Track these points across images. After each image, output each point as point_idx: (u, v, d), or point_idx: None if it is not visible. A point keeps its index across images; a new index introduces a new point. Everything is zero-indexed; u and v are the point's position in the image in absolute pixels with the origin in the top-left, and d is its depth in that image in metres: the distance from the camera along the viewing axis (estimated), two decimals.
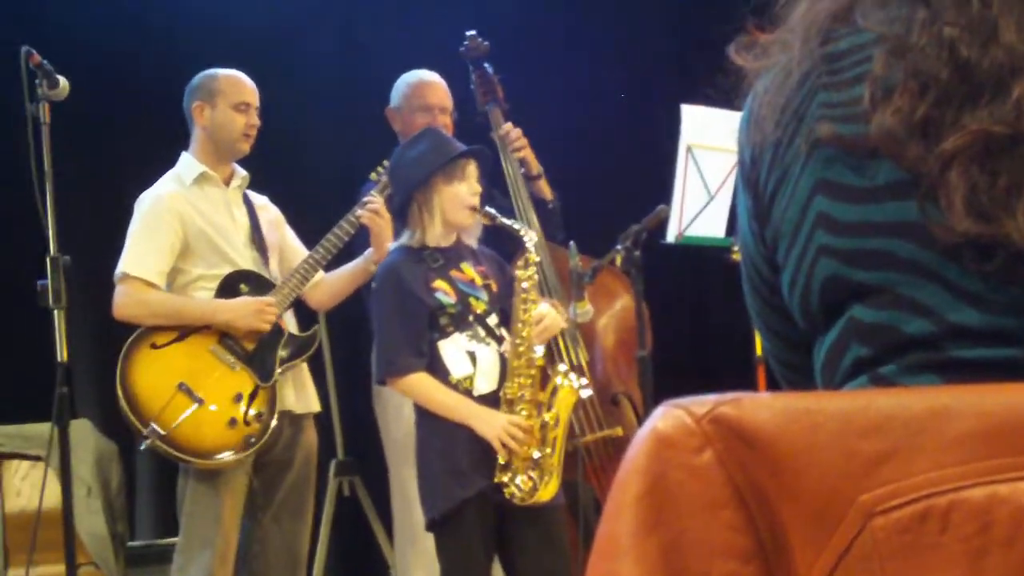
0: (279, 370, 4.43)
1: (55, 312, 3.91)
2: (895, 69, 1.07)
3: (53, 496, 4.34)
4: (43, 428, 4.40)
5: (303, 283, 4.54)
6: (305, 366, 4.62)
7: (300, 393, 4.56)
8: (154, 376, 4.29)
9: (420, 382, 3.94)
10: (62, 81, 3.97)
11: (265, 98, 5.71)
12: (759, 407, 0.95)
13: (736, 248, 4.58)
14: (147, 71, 5.93)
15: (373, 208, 4.52)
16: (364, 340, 4.88)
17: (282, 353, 4.46)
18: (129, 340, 4.32)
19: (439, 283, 3.99)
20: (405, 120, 4.96)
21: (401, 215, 4.09)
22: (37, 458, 5.10)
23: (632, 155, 6.34)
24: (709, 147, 4.52)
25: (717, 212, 4.58)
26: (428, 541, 4.03)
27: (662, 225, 4.46)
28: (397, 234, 4.17)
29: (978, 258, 1.03)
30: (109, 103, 5.89)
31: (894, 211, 1.07)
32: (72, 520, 3.96)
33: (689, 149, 4.49)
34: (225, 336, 4.39)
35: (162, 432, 4.19)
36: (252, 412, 4.34)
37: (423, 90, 4.98)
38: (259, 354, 4.42)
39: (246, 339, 4.41)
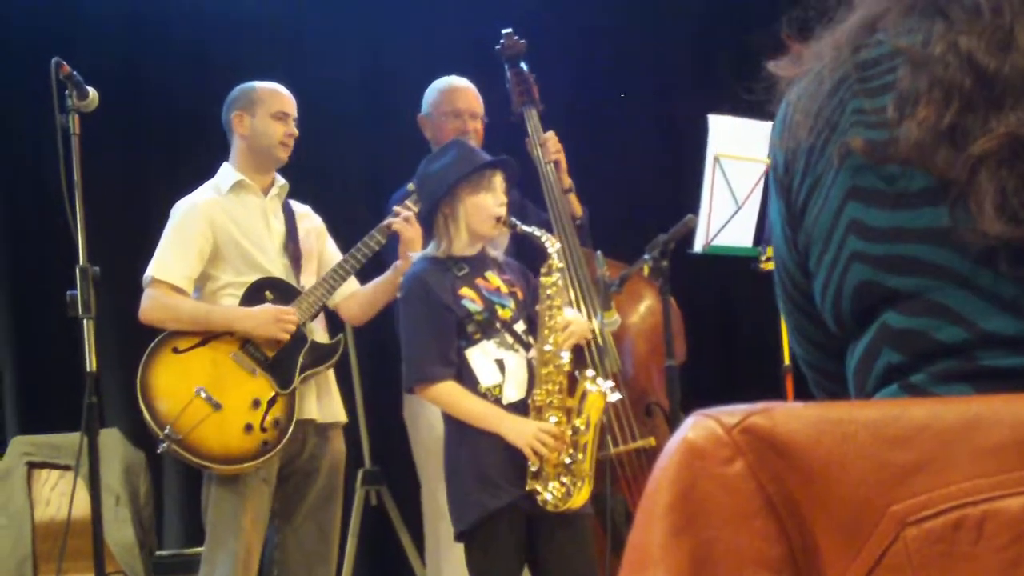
0: (299, 378, 4.43)
1: (84, 322, 3.92)
2: (918, 81, 1.08)
3: (82, 505, 4.35)
4: (72, 438, 4.42)
5: (329, 292, 4.55)
6: (332, 376, 4.62)
7: (324, 402, 4.56)
8: (174, 380, 4.31)
9: (448, 391, 3.94)
10: (91, 92, 3.98)
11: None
12: (790, 417, 0.95)
13: (764, 258, 4.57)
14: (174, 83, 5.96)
15: (406, 216, 4.52)
16: (391, 349, 4.88)
17: (303, 361, 4.46)
18: (152, 344, 4.34)
19: (465, 291, 3.99)
20: (436, 126, 4.95)
21: (427, 226, 4.09)
22: (66, 467, 5.12)
23: (659, 165, 6.35)
24: (736, 157, 4.51)
25: (744, 222, 4.57)
26: (459, 552, 4.02)
27: (690, 235, 4.45)
28: (425, 245, 4.17)
29: (1013, 262, 1.03)
30: (137, 114, 5.92)
31: (927, 217, 1.07)
32: (101, 529, 3.97)
33: (716, 159, 4.49)
34: (247, 342, 4.41)
35: (179, 436, 4.21)
36: (269, 418, 4.34)
37: (452, 96, 4.96)
38: (280, 361, 4.43)
39: (268, 346, 4.42)
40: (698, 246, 4.53)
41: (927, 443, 0.92)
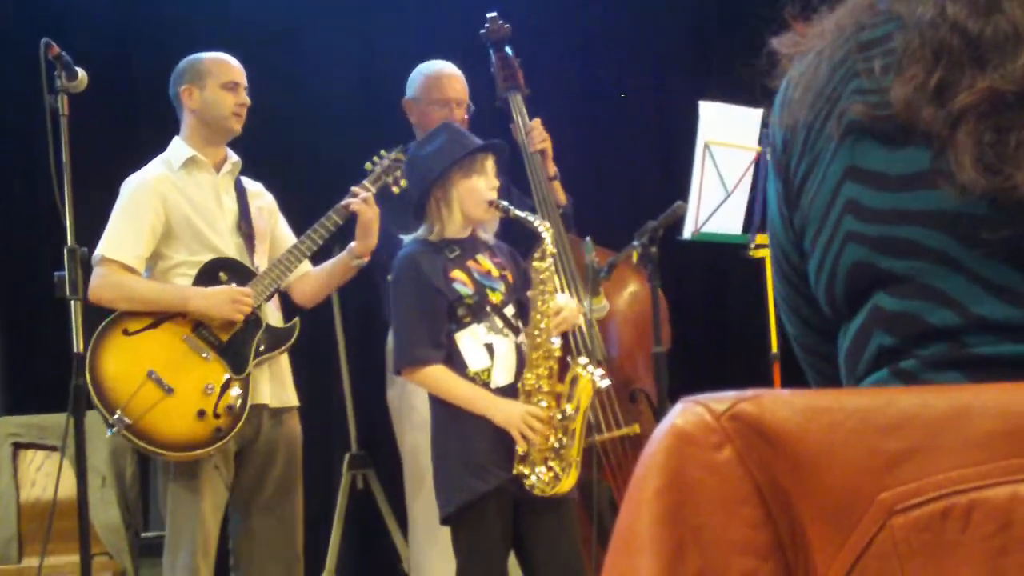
0: (254, 362, 4.32)
1: (72, 303, 3.91)
2: (910, 43, 1.11)
3: (68, 486, 4.34)
4: (59, 419, 4.41)
5: (285, 274, 4.43)
6: (285, 360, 4.50)
7: (277, 387, 4.44)
8: (124, 363, 4.18)
9: (437, 374, 3.94)
10: (80, 73, 3.96)
11: (280, 88, 5.72)
12: (779, 404, 0.95)
13: (753, 245, 4.57)
14: (163, 63, 5.93)
15: (364, 196, 4.44)
16: (378, 332, 4.88)
17: (258, 345, 4.34)
18: (101, 325, 4.21)
19: (457, 273, 3.99)
20: (422, 112, 4.92)
21: (419, 210, 4.08)
22: (53, 448, 5.11)
23: (649, 151, 6.34)
24: (726, 144, 4.51)
25: (734, 209, 4.58)
26: (444, 535, 4.03)
27: (679, 221, 4.45)
28: (410, 228, 4.15)
29: (994, 225, 1.04)
30: (127, 96, 5.91)
31: (923, 200, 1.08)
32: (87, 510, 3.96)
33: (706, 146, 4.49)
34: (200, 325, 4.28)
35: (128, 421, 4.09)
36: (222, 404, 4.22)
37: (441, 83, 4.93)
38: (234, 345, 4.31)
39: (221, 329, 4.30)
40: (687, 233, 4.53)
41: (916, 431, 0.92)
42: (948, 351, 1.07)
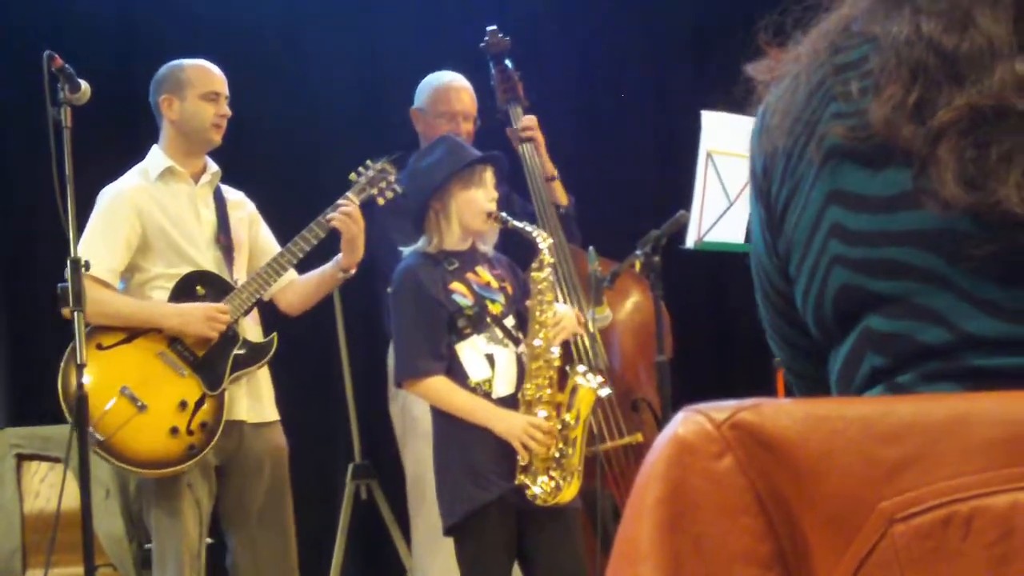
0: (229, 378, 4.28)
1: (75, 315, 3.91)
2: (887, 62, 1.10)
3: (71, 498, 4.34)
4: (62, 430, 4.40)
5: (264, 288, 4.38)
6: (264, 374, 4.45)
7: (254, 402, 4.40)
8: (97, 378, 4.10)
9: (438, 385, 3.94)
10: (83, 85, 3.95)
11: (280, 93, 5.71)
12: (779, 413, 0.95)
13: None
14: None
15: (346, 211, 4.38)
16: (381, 343, 4.88)
17: (234, 360, 4.30)
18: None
19: (456, 285, 4.00)
20: (428, 123, 4.92)
21: (417, 222, 4.09)
22: (56, 460, 5.10)
23: (652, 161, 6.35)
24: (729, 153, 4.51)
25: (736, 218, 4.57)
26: (447, 546, 4.03)
27: (681, 230, 4.45)
28: (412, 237, 4.15)
29: (978, 241, 1.04)
30: (129, 106, 5.91)
31: (907, 220, 1.08)
32: (90, 521, 3.95)
33: (709, 155, 4.49)
34: (176, 340, 4.25)
35: (100, 437, 4.06)
36: (196, 421, 4.18)
37: (448, 95, 4.92)
38: (209, 361, 4.27)
39: (197, 344, 4.26)
40: (690, 242, 4.53)
41: (916, 439, 0.92)
42: (943, 367, 1.07)
